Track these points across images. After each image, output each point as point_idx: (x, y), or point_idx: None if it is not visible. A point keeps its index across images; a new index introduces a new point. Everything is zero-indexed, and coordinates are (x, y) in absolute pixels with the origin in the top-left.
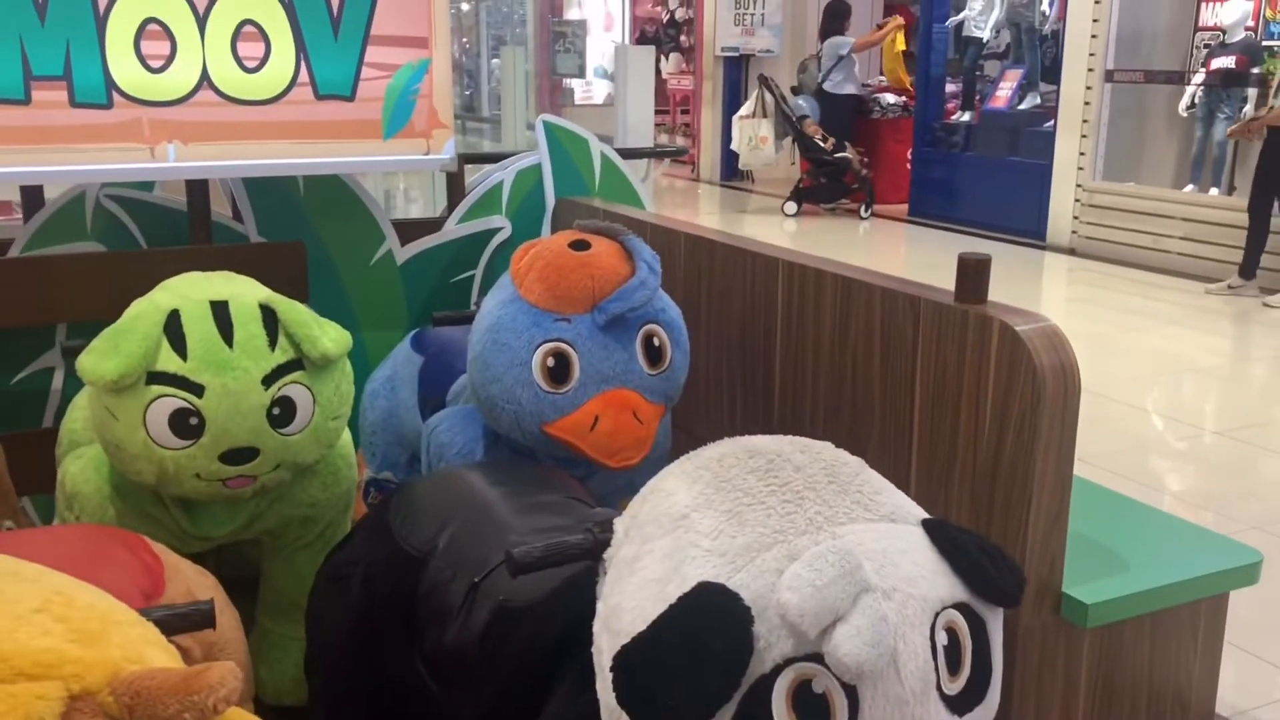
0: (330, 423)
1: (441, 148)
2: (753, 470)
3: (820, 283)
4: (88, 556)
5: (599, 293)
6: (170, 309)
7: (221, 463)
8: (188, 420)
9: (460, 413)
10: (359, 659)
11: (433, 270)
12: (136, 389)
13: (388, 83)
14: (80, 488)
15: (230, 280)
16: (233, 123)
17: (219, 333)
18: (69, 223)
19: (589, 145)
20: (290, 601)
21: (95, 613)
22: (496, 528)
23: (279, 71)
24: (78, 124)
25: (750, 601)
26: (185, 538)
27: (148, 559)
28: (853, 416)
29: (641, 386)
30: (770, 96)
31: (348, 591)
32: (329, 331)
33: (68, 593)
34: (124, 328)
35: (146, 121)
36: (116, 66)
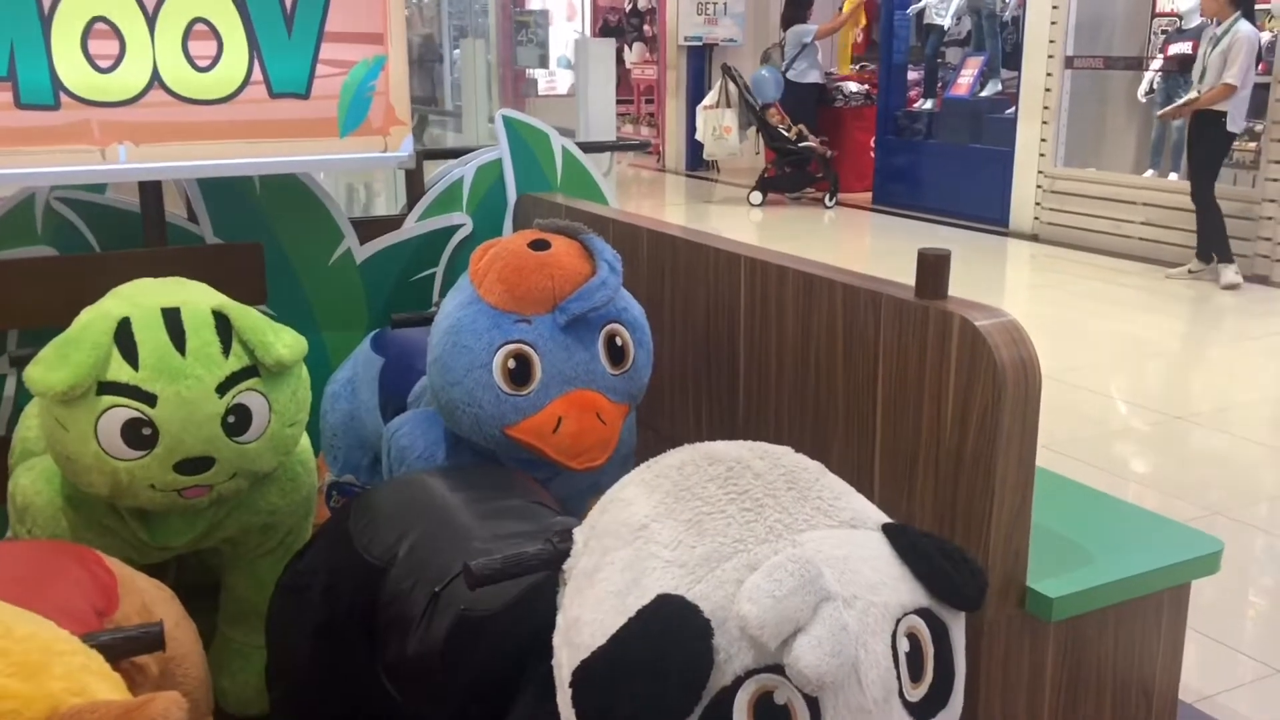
0: (287, 429)
1: (399, 145)
2: (713, 478)
3: (782, 279)
4: (38, 574)
5: (559, 293)
6: (120, 317)
7: (176, 473)
8: (140, 430)
9: (421, 416)
10: (321, 669)
11: (393, 269)
12: (87, 399)
13: (343, 80)
14: (32, 500)
15: (182, 286)
16: (186, 123)
17: (171, 340)
18: (18, 226)
19: (550, 139)
20: (252, 610)
21: (36, 643)
22: (457, 535)
23: (232, 70)
24: (25, 126)
25: (710, 613)
26: (143, 548)
27: (101, 574)
28: (816, 415)
29: (604, 387)
30: (734, 86)
31: (308, 601)
32: (284, 337)
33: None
34: (73, 337)
35: (96, 122)
36: (63, 66)
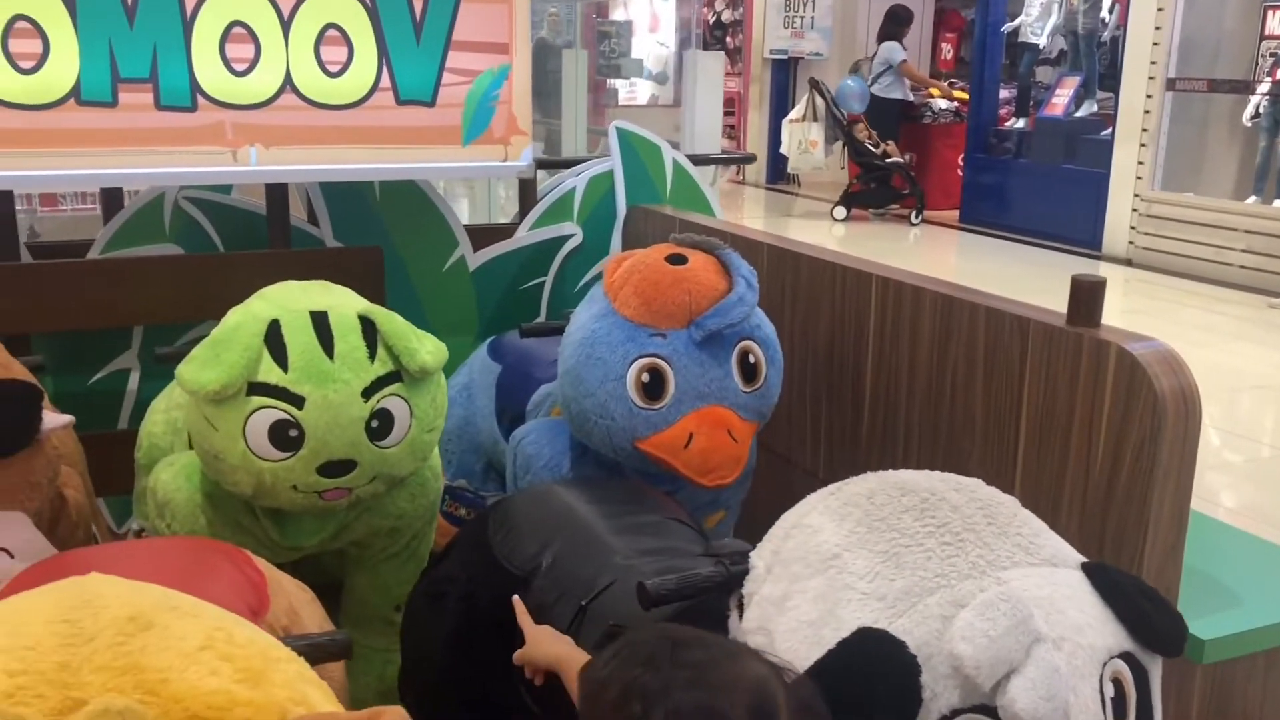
0: (426, 435)
1: (519, 154)
2: (907, 509)
3: (918, 299)
4: (193, 571)
5: (695, 308)
6: (270, 319)
7: (319, 475)
8: (287, 432)
9: (547, 425)
10: (457, 677)
11: (504, 277)
12: (237, 400)
13: (468, 89)
14: (172, 496)
15: (328, 290)
16: (314, 127)
17: (319, 344)
18: (148, 224)
19: (662, 152)
20: (374, 613)
21: (256, 649)
22: (599, 549)
23: (361, 76)
24: (162, 126)
25: (915, 649)
26: (274, 548)
27: (251, 573)
28: (950, 439)
29: (736, 404)
30: (821, 100)
31: (446, 608)
32: (426, 343)
33: (227, 628)
34: (224, 338)
35: (229, 124)
36: (202, 69)
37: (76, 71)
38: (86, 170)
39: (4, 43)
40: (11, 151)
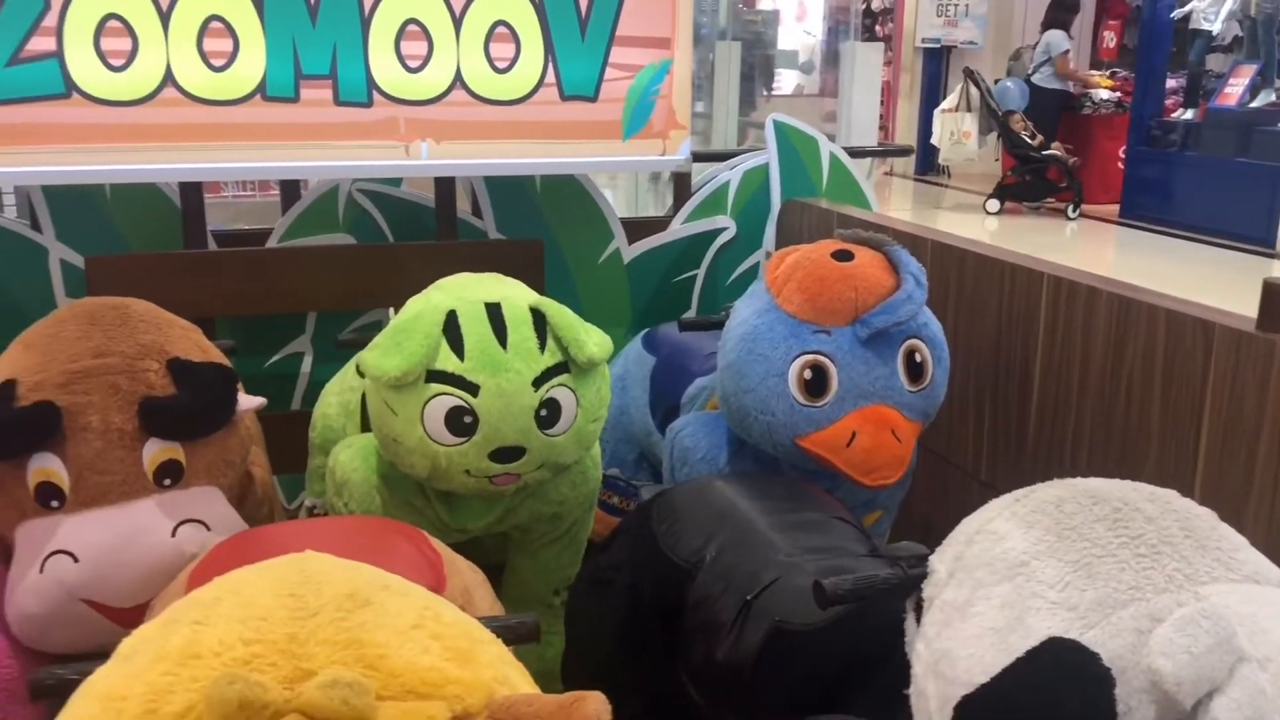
0: (590, 425)
1: (678, 148)
2: (1099, 519)
3: (1092, 300)
4: (374, 548)
5: (862, 305)
6: (448, 309)
7: (490, 460)
8: (463, 418)
9: (705, 419)
10: (621, 663)
11: (657, 269)
12: (416, 386)
13: (629, 84)
14: (350, 476)
15: (500, 282)
16: (482, 122)
17: (494, 334)
18: (323, 215)
19: (818, 145)
20: (534, 596)
21: (462, 630)
22: (762, 545)
23: (528, 72)
24: (340, 121)
25: (1108, 662)
26: (443, 529)
27: (429, 553)
28: (1124, 447)
29: (901, 403)
30: (975, 90)
31: (612, 595)
32: (594, 335)
33: (435, 608)
34: (405, 326)
35: (403, 120)
36: (378, 66)
37: (263, 69)
38: (270, 163)
39: (199, 41)
40: (202, 145)
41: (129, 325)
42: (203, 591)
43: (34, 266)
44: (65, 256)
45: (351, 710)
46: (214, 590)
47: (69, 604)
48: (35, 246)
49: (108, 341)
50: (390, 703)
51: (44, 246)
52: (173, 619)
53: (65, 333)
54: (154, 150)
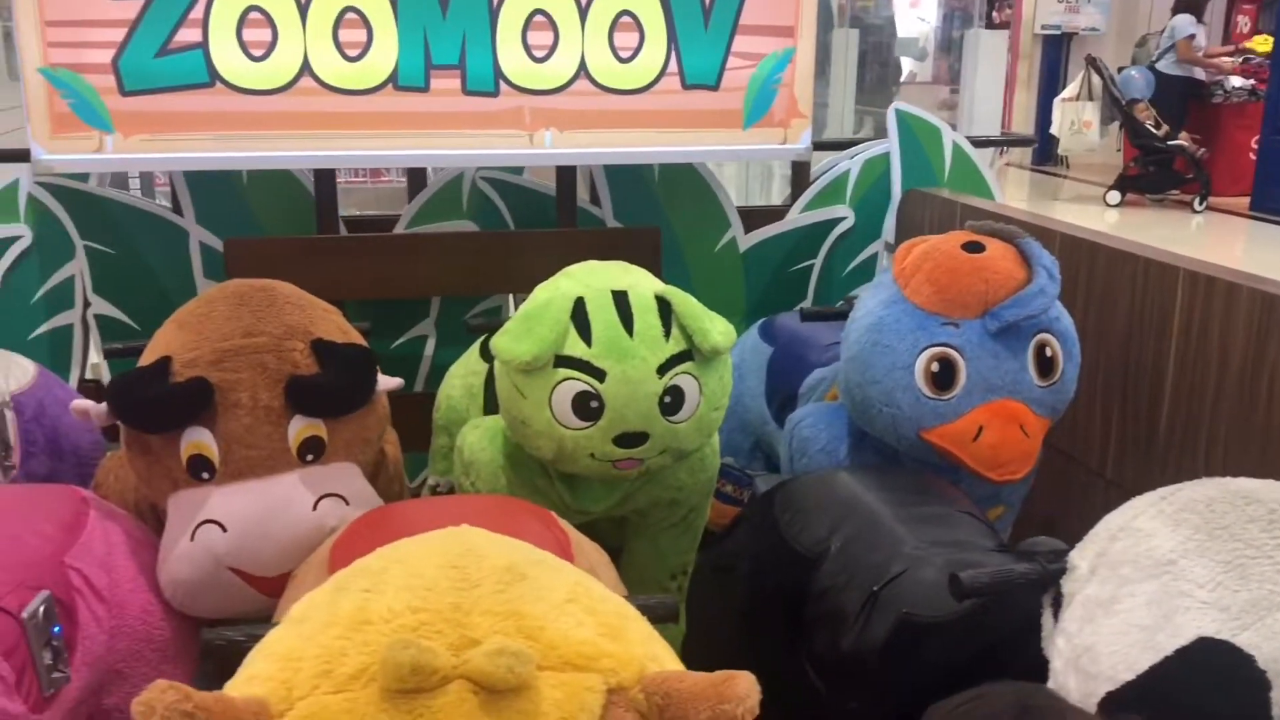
0: (712, 413)
1: (798, 138)
2: (1253, 519)
3: (1231, 297)
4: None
5: (992, 298)
6: (576, 296)
7: (614, 445)
8: (589, 403)
9: (825, 409)
10: (742, 649)
11: (773, 259)
12: (545, 371)
13: (751, 72)
14: (477, 456)
15: (626, 270)
16: (604, 111)
17: (620, 321)
18: (447, 202)
19: (941, 134)
20: (650, 579)
21: (612, 606)
22: (888, 537)
23: (650, 62)
24: (467, 111)
25: (1263, 665)
26: (565, 510)
27: (557, 533)
28: (1264, 448)
29: (1030, 398)
30: (1098, 78)
31: (734, 582)
32: (718, 324)
33: (585, 584)
34: (535, 313)
35: (528, 109)
36: (505, 56)
37: (395, 59)
38: (400, 151)
39: (334, 32)
40: (335, 133)
41: (276, 306)
42: (369, 561)
43: (176, 248)
44: (204, 239)
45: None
46: (380, 560)
47: (217, 571)
48: (177, 229)
49: (256, 321)
50: (549, 673)
51: (185, 229)
52: (342, 586)
53: (216, 312)
54: (290, 138)
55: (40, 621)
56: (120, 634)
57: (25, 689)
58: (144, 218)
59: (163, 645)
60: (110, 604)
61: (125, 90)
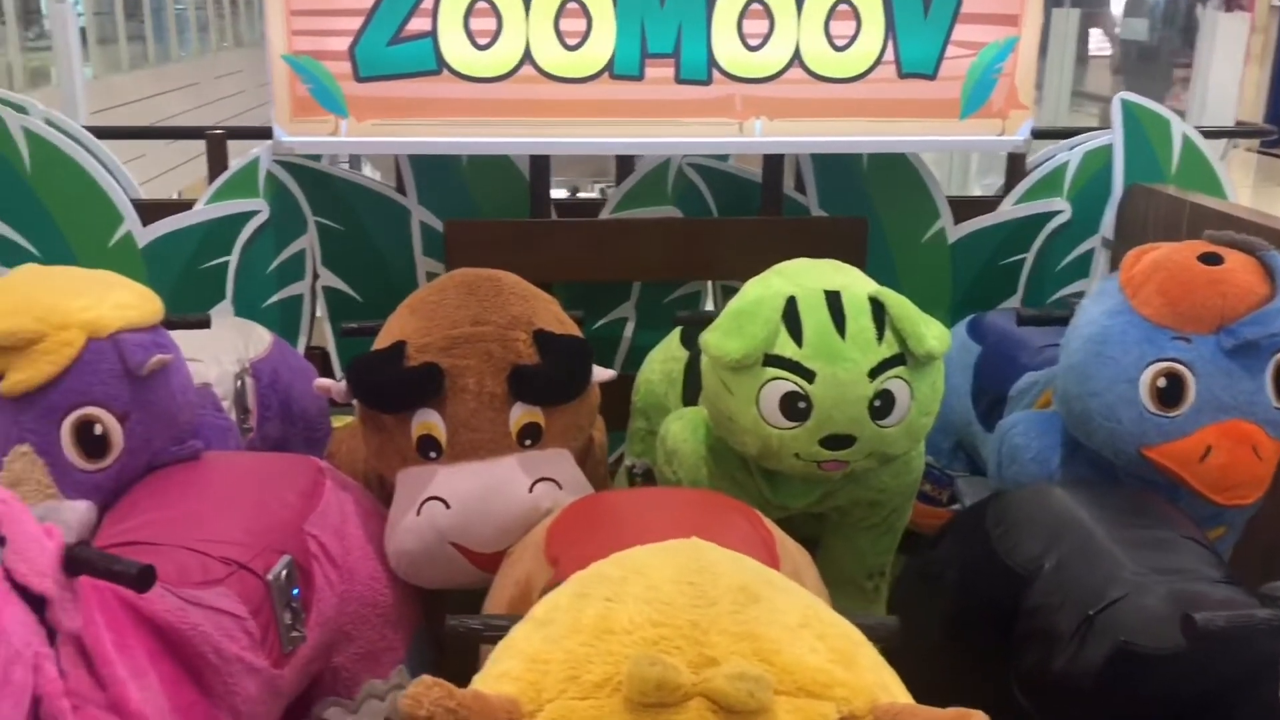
0: (922, 419)
1: (1016, 129)
2: None
3: None
4: (712, 522)
5: (1230, 313)
6: (788, 295)
7: (821, 446)
8: (797, 403)
9: (1038, 418)
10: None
11: (983, 251)
12: (754, 369)
13: (971, 61)
14: (680, 446)
15: (839, 270)
16: (816, 100)
17: (832, 323)
18: (653, 188)
19: (1170, 126)
20: (847, 578)
21: (842, 630)
22: (1108, 559)
23: (866, 50)
24: (679, 99)
25: None
26: (764, 505)
27: (763, 532)
28: None
29: (1266, 420)
30: None
31: (940, 592)
32: (933, 329)
33: (815, 608)
34: (747, 310)
35: (739, 98)
36: (719, 45)
37: (612, 48)
38: (613, 139)
39: (556, 22)
40: (553, 120)
41: (502, 296)
42: (608, 568)
43: (398, 226)
44: (424, 219)
45: (755, 702)
46: (618, 568)
47: (440, 546)
48: (400, 208)
49: (484, 311)
50: (784, 698)
51: (407, 209)
52: (583, 592)
53: (447, 300)
54: (510, 125)
55: (283, 583)
56: (349, 598)
57: (268, 646)
58: (370, 196)
59: (386, 610)
60: (342, 569)
61: (360, 77)
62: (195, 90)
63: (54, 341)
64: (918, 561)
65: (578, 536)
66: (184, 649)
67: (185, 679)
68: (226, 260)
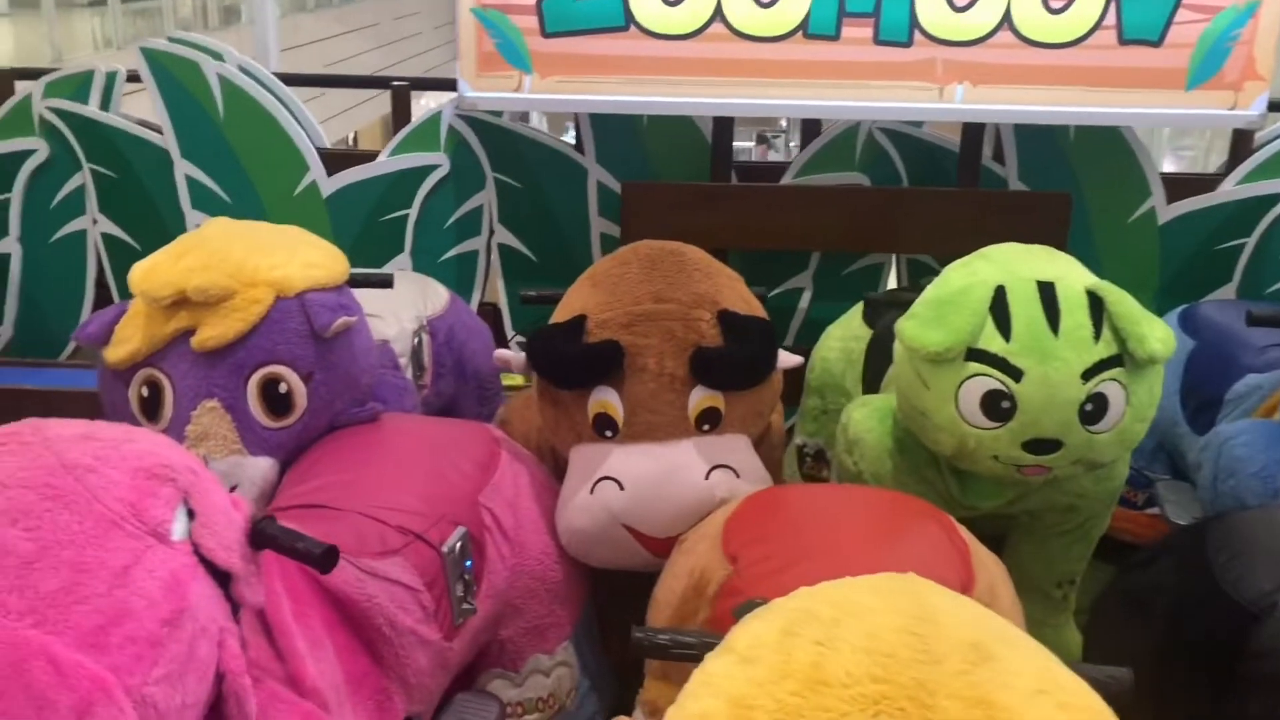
0: (1137, 425)
1: (1250, 103)
2: None
3: None
4: (903, 528)
5: None
6: (996, 284)
7: (1023, 450)
8: (1000, 403)
9: (1264, 429)
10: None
11: (1197, 234)
12: (955, 363)
13: (1203, 27)
14: (863, 436)
15: (1053, 258)
16: (1025, 66)
17: (1045, 317)
18: (840, 153)
19: None
20: (1035, 585)
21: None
22: None
23: (1084, 13)
24: (877, 61)
25: None
26: (951, 505)
27: (957, 541)
28: None
29: None
30: None
31: (1148, 619)
32: (1156, 329)
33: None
34: (950, 299)
35: (940, 61)
36: (923, 6)
37: (807, 6)
38: (804, 101)
39: None
40: (740, 80)
41: (685, 272)
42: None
43: (575, 185)
44: (601, 178)
45: None
46: (829, 607)
47: (612, 526)
48: (578, 167)
49: (667, 287)
50: None
51: (585, 167)
52: (791, 630)
53: (629, 275)
54: (696, 84)
55: (457, 556)
56: (520, 573)
57: (440, 618)
58: (549, 154)
59: (555, 586)
60: (514, 543)
61: (546, 32)
62: (375, 31)
63: (244, 299)
64: (1123, 583)
65: (758, 534)
66: (359, 620)
67: (359, 649)
68: (406, 213)
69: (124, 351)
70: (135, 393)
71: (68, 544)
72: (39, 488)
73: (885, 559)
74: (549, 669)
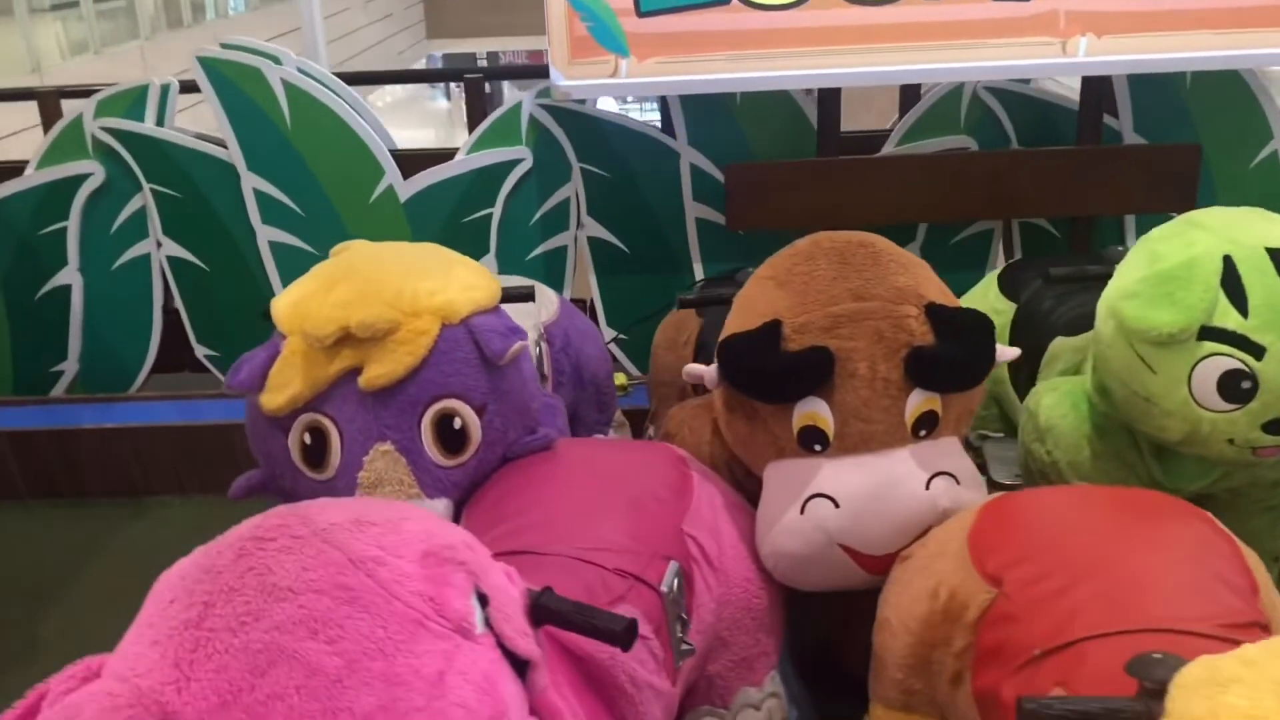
0: None
1: None
2: None
3: None
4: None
5: None
6: (1222, 254)
7: (1263, 431)
8: (1239, 383)
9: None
10: None
11: None
12: (1187, 344)
13: None
14: (1056, 422)
15: (1271, 220)
16: (1145, 12)
17: None
18: (944, 116)
19: None
20: None
21: None
22: None
23: None
24: (993, 18)
25: None
26: (1153, 487)
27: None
28: None
29: None
30: None
31: None
32: None
33: None
34: (1176, 275)
35: (1063, 13)
36: None
37: None
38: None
39: None
40: (846, 49)
41: (881, 266)
42: None
43: (667, 170)
44: (695, 161)
45: None
46: None
47: (827, 548)
48: (669, 151)
49: (864, 284)
50: None
51: (676, 151)
52: None
53: (819, 272)
54: (801, 55)
55: (675, 594)
56: (726, 603)
57: (665, 664)
58: (638, 139)
59: (760, 615)
60: (719, 572)
61: (642, 11)
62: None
63: (409, 330)
64: None
65: (1018, 552)
66: (601, 680)
67: (603, 712)
68: (490, 212)
69: (283, 398)
70: (297, 440)
71: (376, 653)
72: (331, 591)
73: (1175, 570)
74: (759, 702)
